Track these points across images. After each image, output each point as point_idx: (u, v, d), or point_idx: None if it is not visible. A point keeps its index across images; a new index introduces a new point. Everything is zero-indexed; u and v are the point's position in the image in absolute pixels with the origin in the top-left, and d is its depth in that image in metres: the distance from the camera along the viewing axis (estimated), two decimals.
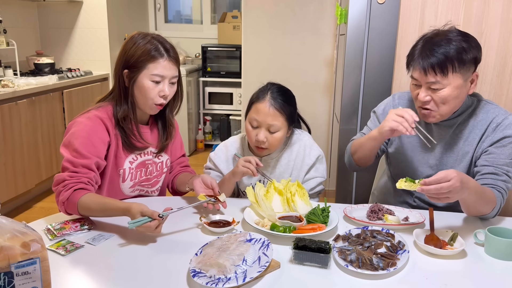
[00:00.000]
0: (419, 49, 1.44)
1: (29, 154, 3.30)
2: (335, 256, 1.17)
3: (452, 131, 1.54)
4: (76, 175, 1.42)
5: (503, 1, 1.87)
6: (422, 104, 1.46)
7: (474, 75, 1.45)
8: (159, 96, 1.50)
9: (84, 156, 1.43)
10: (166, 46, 1.50)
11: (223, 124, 4.95)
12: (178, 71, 1.55)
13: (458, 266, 1.19)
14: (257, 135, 1.63)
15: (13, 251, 0.88)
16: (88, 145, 1.45)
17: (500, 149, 1.46)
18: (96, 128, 1.48)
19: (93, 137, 1.47)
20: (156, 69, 1.47)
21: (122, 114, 1.51)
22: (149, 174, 1.64)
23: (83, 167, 1.43)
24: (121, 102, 1.52)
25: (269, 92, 1.63)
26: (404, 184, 1.28)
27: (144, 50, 1.47)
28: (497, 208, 1.41)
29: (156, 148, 1.64)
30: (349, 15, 2.16)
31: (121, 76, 1.51)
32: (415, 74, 1.44)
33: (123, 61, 1.50)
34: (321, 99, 3.75)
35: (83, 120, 1.49)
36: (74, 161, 1.43)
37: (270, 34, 3.70)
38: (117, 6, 4.36)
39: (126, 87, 1.52)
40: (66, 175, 1.41)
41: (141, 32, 1.53)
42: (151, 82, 1.48)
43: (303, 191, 1.51)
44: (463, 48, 1.39)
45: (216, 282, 1.03)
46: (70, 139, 1.46)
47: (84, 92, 3.92)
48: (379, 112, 1.68)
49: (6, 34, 3.47)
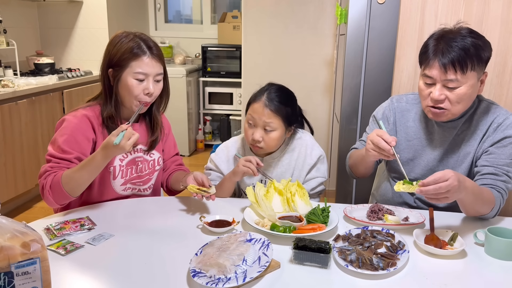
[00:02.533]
0: (434, 46, 1.41)
1: (29, 154, 3.30)
2: (335, 256, 1.17)
3: (455, 133, 1.53)
4: (57, 165, 1.47)
5: (503, 1, 1.87)
6: (435, 103, 1.43)
7: (483, 75, 1.44)
8: (144, 94, 1.50)
9: (65, 151, 1.48)
10: (149, 44, 1.51)
11: (223, 124, 4.95)
12: (163, 68, 1.55)
13: (458, 266, 1.19)
14: (253, 134, 1.64)
15: (13, 251, 0.88)
16: (71, 142, 1.48)
17: (501, 149, 1.45)
18: (80, 125, 1.50)
19: (77, 134, 1.49)
20: (139, 67, 1.48)
21: (107, 113, 1.53)
22: (140, 172, 1.65)
23: (64, 160, 1.47)
24: (107, 101, 1.54)
25: (266, 93, 1.64)
26: (402, 186, 1.28)
27: (127, 48, 1.48)
28: (496, 208, 1.40)
29: (145, 146, 1.65)
30: (349, 15, 2.16)
31: (106, 75, 1.52)
32: (432, 72, 1.40)
33: (107, 60, 1.52)
34: (321, 99, 3.75)
35: (69, 117, 1.53)
36: (56, 155, 1.48)
37: (270, 34, 3.70)
38: (117, 6, 4.36)
39: (111, 86, 1.53)
40: (48, 166, 1.47)
41: (125, 31, 1.54)
42: (135, 80, 1.49)
43: (303, 191, 1.51)
44: (479, 45, 1.37)
45: (216, 282, 1.03)
46: (56, 136, 1.50)
47: (84, 92, 3.92)
48: (379, 117, 1.67)
49: (6, 34, 3.47)
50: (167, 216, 1.47)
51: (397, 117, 1.64)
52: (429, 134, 1.58)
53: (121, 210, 1.51)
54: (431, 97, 1.43)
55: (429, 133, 1.58)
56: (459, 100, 1.41)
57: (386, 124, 1.65)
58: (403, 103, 1.65)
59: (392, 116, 1.64)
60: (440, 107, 1.43)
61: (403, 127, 1.62)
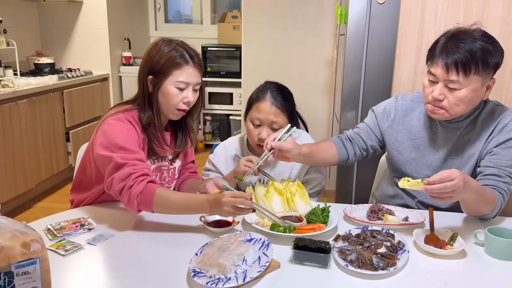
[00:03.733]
0: (442, 44, 1.40)
1: (29, 154, 3.30)
2: (335, 256, 1.17)
3: (459, 134, 1.52)
4: (138, 167, 1.35)
5: (503, 1, 1.87)
6: (433, 101, 1.43)
7: (491, 82, 1.42)
8: (183, 103, 1.49)
9: (133, 151, 1.39)
10: (191, 53, 1.50)
11: (223, 124, 4.95)
12: (201, 78, 1.54)
13: (458, 266, 1.19)
14: (259, 133, 1.64)
15: (13, 251, 0.88)
16: (131, 142, 1.42)
17: (505, 151, 1.44)
18: (130, 128, 1.46)
19: (131, 136, 1.44)
20: (182, 76, 1.46)
21: (147, 119, 1.49)
22: (163, 180, 1.63)
23: (138, 160, 1.38)
24: (145, 108, 1.50)
25: (268, 91, 1.65)
26: (407, 183, 1.26)
27: (170, 57, 1.46)
28: (497, 209, 1.40)
29: (172, 155, 1.63)
30: (349, 15, 2.16)
31: (145, 82, 1.49)
32: (435, 70, 1.40)
33: (147, 68, 1.49)
34: (321, 99, 3.75)
35: (113, 121, 1.45)
36: (127, 157, 1.37)
37: (270, 34, 3.70)
38: (117, 6, 4.36)
39: (150, 93, 1.50)
40: (130, 169, 1.34)
41: (165, 39, 1.52)
42: (176, 88, 1.47)
43: (303, 191, 1.51)
44: (488, 51, 1.35)
45: (216, 282, 1.03)
46: (110, 140, 1.40)
47: (84, 92, 3.92)
48: (379, 111, 1.67)
49: (6, 34, 3.47)
50: (167, 216, 1.47)
51: (399, 115, 1.63)
52: (433, 134, 1.57)
53: (121, 210, 1.51)
54: (431, 95, 1.43)
55: (433, 133, 1.57)
56: (458, 103, 1.40)
57: (386, 119, 1.64)
58: (408, 101, 1.64)
59: (393, 113, 1.64)
60: (438, 106, 1.43)
61: (406, 125, 1.62)
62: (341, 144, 1.66)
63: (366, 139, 1.66)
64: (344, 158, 1.66)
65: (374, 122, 1.66)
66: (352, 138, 1.67)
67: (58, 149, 3.65)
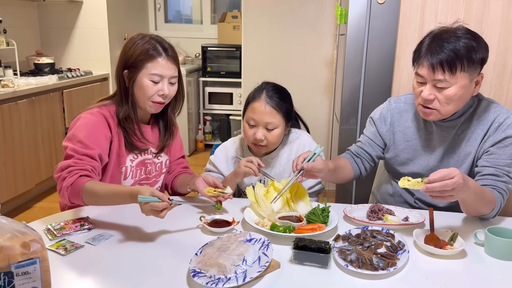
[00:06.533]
0: (427, 45, 1.41)
1: (29, 154, 3.30)
2: (335, 256, 1.17)
3: (454, 132, 1.52)
4: (81, 162, 1.42)
5: (503, 1, 1.87)
6: (424, 102, 1.44)
7: (479, 77, 1.43)
8: (158, 95, 1.51)
9: (88, 146, 1.45)
10: (164, 46, 1.52)
11: (223, 124, 4.95)
12: (177, 71, 1.55)
13: (458, 266, 1.19)
14: (254, 133, 1.64)
15: (13, 251, 0.88)
16: (92, 137, 1.47)
17: (502, 150, 1.45)
18: (99, 122, 1.50)
19: (96, 131, 1.49)
20: (155, 69, 1.48)
21: (123, 113, 1.53)
22: (148, 174, 1.65)
23: (87, 156, 1.44)
24: (122, 102, 1.54)
25: (264, 91, 1.65)
26: (407, 183, 1.26)
27: (143, 50, 1.48)
28: (496, 208, 1.40)
29: (156, 148, 1.65)
30: (349, 15, 2.16)
31: (121, 76, 1.53)
32: (422, 71, 1.41)
33: (122, 62, 1.53)
34: (321, 99, 3.75)
35: (86, 115, 1.52)
36: (79, 150, 1.44)
37: (270, 34, 3.70)
38: (117, 6, 4.36)
39: (126, 87, 1.54)
40: (71, 162, 1.41)
41: (140, 33, 1.55)
42: (150, 81, 1.49)
43: (303, 191, 1.51)
44: (472, 47, 1.36)
45: (216, 282, 1.03)
46: (74, 132, 1.48)
47: (84, 92, 3.92)
48: (376, 117, 1.67)
49: (6, 34, 3.47)
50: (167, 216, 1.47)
51: (395, 118, 1.64)
52: (427, 134, 1.58)
53: (121, 210, 1.51)
54: (421, 96, 1.43)
55: (427, 133, 1.58)
56: (448, 101, 1.41)
57: (383, 124, 1.65)
58: (401, 103, 1.65)
59: (389, 117, 1.64)
60: (429, 107, 1.44)
61: (401, 127, 1.62)
62: (353, 160, 1.68)
63: (371, 151, 1.67)
64: (358, 173, 1.69)
65: (374, 130, 1.67)
66: (358, 153, 1.68)
67: (58, 149, 3.64)
